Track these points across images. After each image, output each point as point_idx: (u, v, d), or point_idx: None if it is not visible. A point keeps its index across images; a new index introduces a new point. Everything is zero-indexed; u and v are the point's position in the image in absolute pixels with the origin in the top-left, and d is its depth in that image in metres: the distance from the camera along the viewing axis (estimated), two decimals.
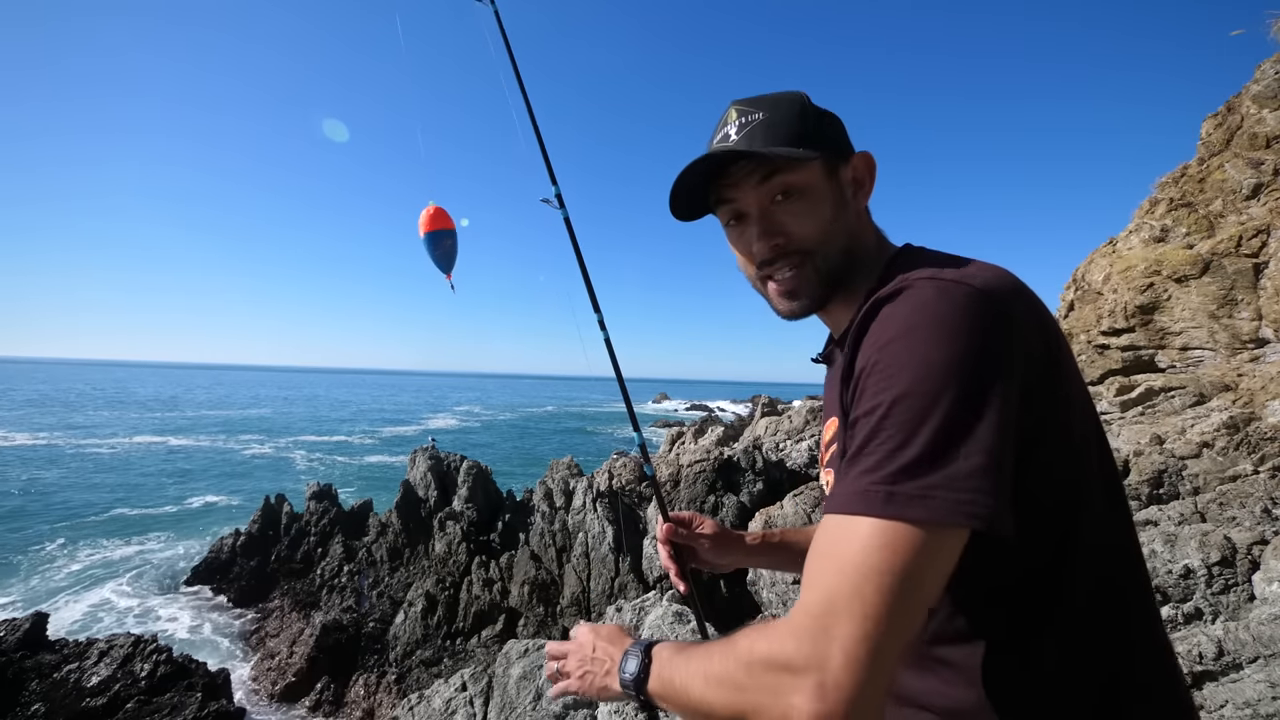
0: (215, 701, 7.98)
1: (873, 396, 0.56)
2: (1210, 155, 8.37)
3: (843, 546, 0.52)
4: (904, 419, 0.53)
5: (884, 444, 0.53)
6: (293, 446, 39.42)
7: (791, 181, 0.72)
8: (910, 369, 0.54)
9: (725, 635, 0.60)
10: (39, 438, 39.68)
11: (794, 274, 0.74)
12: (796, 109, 0.73)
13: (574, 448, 32.15)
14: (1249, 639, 2.50)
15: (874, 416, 0.55)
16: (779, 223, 0.73)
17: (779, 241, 0.73)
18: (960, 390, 0.53)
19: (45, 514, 20.74)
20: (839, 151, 0.75)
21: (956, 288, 0.57)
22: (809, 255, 0.73)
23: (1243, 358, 6.63)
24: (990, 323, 0.55)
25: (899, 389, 0.54)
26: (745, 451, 12.26)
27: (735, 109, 0.75)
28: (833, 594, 0.49)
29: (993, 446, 0.51)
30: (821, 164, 0.73)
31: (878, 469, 0.53)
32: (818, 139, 0.72)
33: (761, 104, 0.74)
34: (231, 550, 15.11)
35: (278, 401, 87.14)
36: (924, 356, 0.54)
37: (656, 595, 4.25)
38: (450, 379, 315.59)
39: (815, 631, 0.49)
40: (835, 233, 0.73)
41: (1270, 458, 4.57)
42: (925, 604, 0.50)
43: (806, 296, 0.75)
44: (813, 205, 0.72)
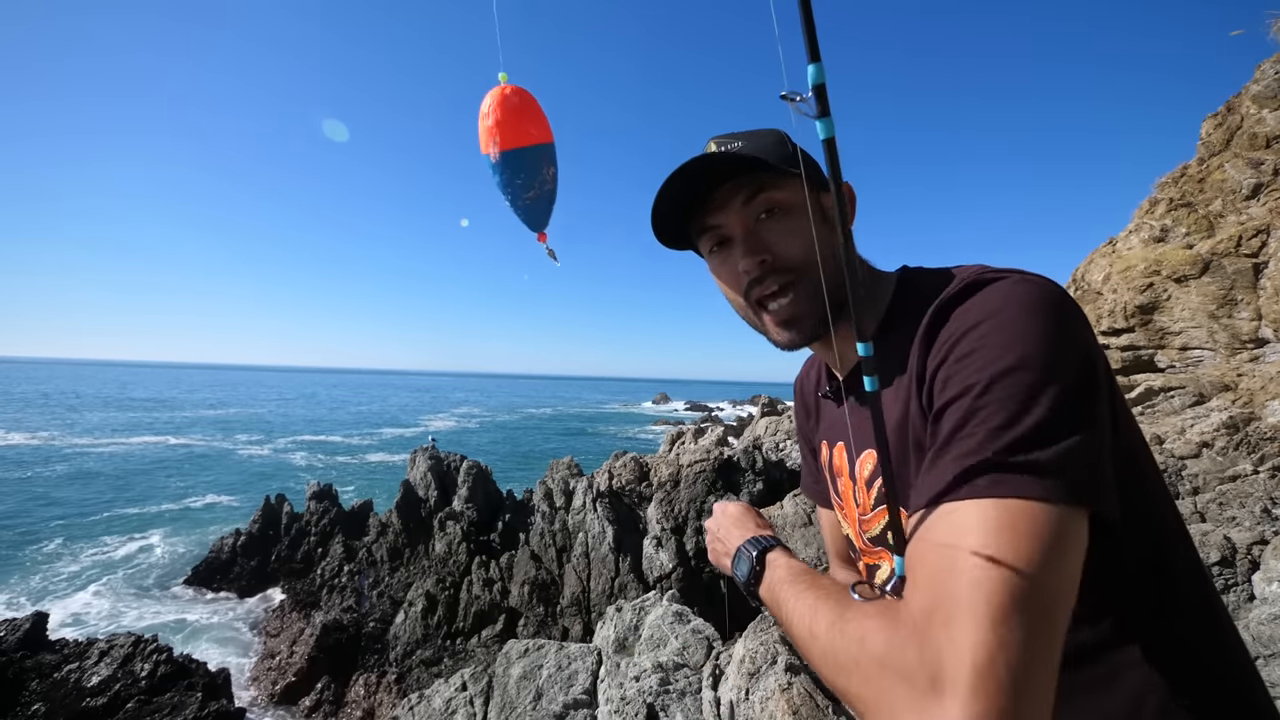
0: (215, 701, 7.98)
1: (964, 380, 0.52)
2: (1210, 155, 8.37)
3: (951, 536, 0.46)
4: (1008, 394, 0.49)
5: (986, 421, 0.49)
6: (291, 447, 39.41)
7: (777, 199, 0.70)
8: (1007, 345, 0.51)
9: (829, 588, 0.58)
10: (37, 437, 39.66)
11: (789, 300, 0.71)
12: (774, 138, 0.72)
13: (574, 448, 32.17)
14: (1249, 639, 2.50)
15: (968, 397, 0.51)
16: (764, 240, 0.71)
17: (765, 258, 0.70)
18: (1064, 364, 0.50)
19: (43, 513, 20.73)
20: (820, 179, 0.72)
21: (1026, 277, 0.57)
22: (799, 275, 0.70)
23: (1242, 358, 6.63)
24: (1072, 307, 0.55)
25: (999, 365, 0.51)
26: (745, 451, 12.27)
27: (714, 142, 0.73)
28: (948, 593, 0.43)
29: (1099, 424, 0.50)
30: (805, 184, 0.69)
31: (982, 448, 0.48)
32: (801, 164, 0.70)
33: (740, 135, 0.73)
34: (232, 550, 15.11)
35: (277, 401, 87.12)
36: (1021, 333, 0.52)
37: (656, 595, 4.25)
38: (449, 379, 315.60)
39: (935, 639, 0.42)
40: (822, 253, 0.70)
41: (1270, 458, 4.57)
42: (1064, 600, 0.43)
43: (807, 320, 0.71)
44: (796, 225, 0.70)
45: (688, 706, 3.01)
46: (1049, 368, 0.50)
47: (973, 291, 0.58)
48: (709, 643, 3.48)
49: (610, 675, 3.51)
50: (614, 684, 3.37)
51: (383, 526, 14.65)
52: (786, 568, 0.66)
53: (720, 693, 2.98)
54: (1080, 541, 0.46)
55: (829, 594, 0.57)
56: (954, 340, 0.55)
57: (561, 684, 3.53)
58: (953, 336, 0.56)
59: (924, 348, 0.59)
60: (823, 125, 0.53)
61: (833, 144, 0.54)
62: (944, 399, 0.54)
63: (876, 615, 0.49)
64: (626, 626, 3.91)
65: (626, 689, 3.18)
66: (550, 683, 3.54)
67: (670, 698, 3.06)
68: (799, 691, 2.55)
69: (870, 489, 0.72)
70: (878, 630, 0.47)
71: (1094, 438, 0.49)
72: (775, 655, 2.82)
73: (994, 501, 0.45)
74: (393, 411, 74.13)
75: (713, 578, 10.01)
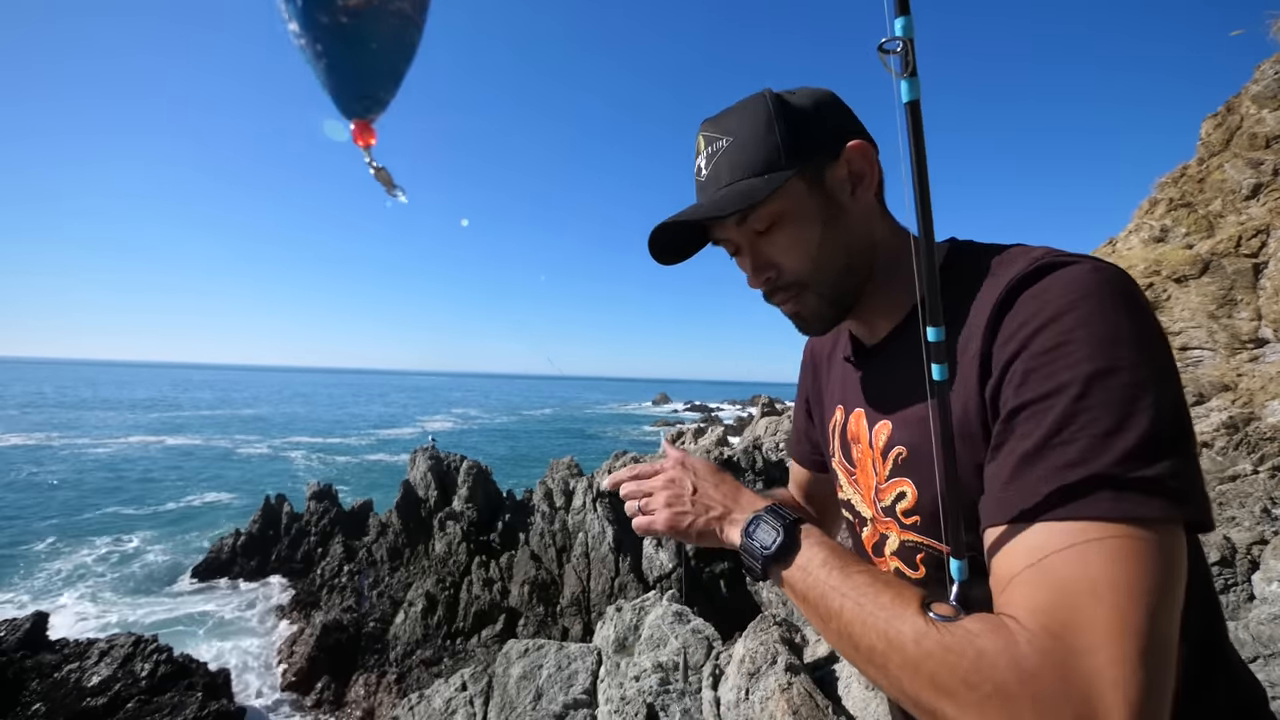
0: (215, 701, 7.99)
1: (1053, 378, 0.48)
2: (1210, 155, 8.38)
3: (1078, 559, 0.43)
4: (1110, 399, 0.46)
5: (1089, 428, 0.45)
6: (289, 447, 39.43)
7: (769, 213, 0.65)
8: (1101, 343, 0.48)
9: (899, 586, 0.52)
10: (34, 438, 39.66)
11: (800, 307, 0.70)
12: (762, 121, 0.64)
13: (574, 448, 32.16)
14: (1248, 639, 2.50)
15: (1062, 398, 0.47)
16: (765, 257, 0.68)
17: (769, 275, 0.69)
18: (1159, 366, 0.47)
19: (41, 514, 20.74)
20: (822, 149, 0.66)
21: (1100, 265, 0.53)
22: (807, 285, 0.68)
23: (1242, 358, 6.63)
24: (1146, 301, 0.51)
25: (1095, 365, 0.47)
26: (745, 451, 12.28)
27: (703, 135, 0.68)
28: (1087, 620, 0.41)
29: (1191, 429, 0.47)
30: (801, 179, 0.65)
31: (1090, 460, 0.45)
32: (793, 149, 0.64)
33: (726, 123, 0.66)
34: (232, 550, 15.13)
35: (275, 401, 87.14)
36: (1114, 330, 0.48)
37: (656, 595, 4.25)
38: (448, 379, 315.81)
39: (1081, 669, 0.40)
40: (829, 254, 0.67)
41: (1269, 458, 4.57)
42: (1178, 622, 0.42)
43: (817, 321, 0.71)
44: (797, 232, 0.66)
45: (688, 706, 3.01)
46: (1148, 370, 0.47)
47: (1045, 274, 0.53)
48: (709, 643, 3.49)
49: (610, 675, 3.51)
50: (614, 684, 3.37)
51: (383, 526, 14.65)
52: (831, 550, 0.59)
53: (720, 693, 2.98)
54: (1184, 558, 0.44)
55: (903, 594, 0.51)
56: (1034, 330, 0.51)
57: (561, 684, 3.53)
58: (1031, 325, 0.51)
59: (990, 332, 0.54)
60: (907, 86, 0.48)
61: (916, 109, 0.48)
62: (1026, 396, 0.50)
63: (990, 633, 0.44)
64: (626, 626, 3.91)
65: (626, 689, 3.18)
66: (550, 683, 3.55)
67: (670, 698, 3.06)
68: (799, 691, 2.55)
69: (886, 459, 0.68)
70: (1001, 651, 0.42)
71: (1193, 447, 0.46)
72: (775, 655, 2.82)
73: (1118, 523, 0.43)
74: (391, 412, 74.18)
75: (712, 578, 10.01)
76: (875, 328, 0.74)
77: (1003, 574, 0.47)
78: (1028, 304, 0.53)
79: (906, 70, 0.48)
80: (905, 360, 0.67)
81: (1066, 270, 0.53)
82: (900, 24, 0.48)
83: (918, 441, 0.63)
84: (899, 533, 0.68)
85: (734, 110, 0.67)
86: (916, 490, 0.64)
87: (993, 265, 0.59)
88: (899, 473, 0.66)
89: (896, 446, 0.67)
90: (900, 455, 0.66)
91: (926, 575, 0.66)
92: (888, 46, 0.48)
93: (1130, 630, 0.40)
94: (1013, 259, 0.58)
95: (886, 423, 0.69)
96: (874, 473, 0.71)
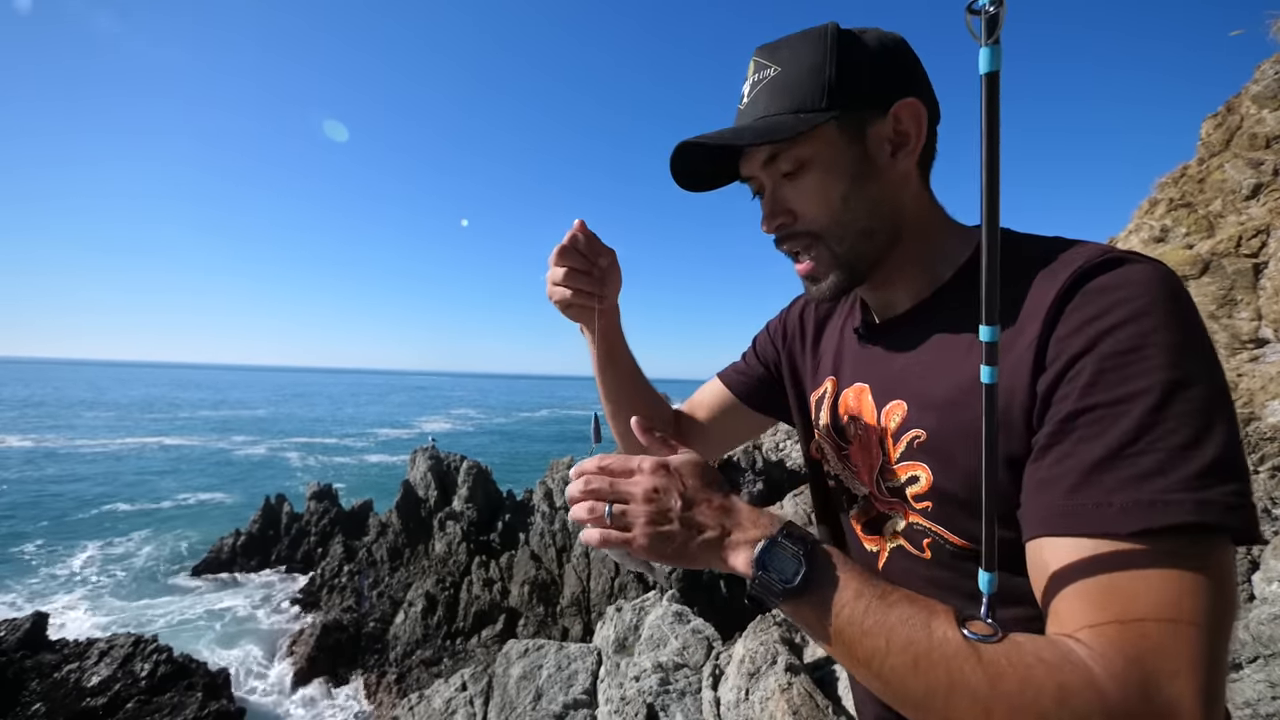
0: (215, 701, 7.99)
1: (1125, 382, 0.46)
2: (1210, 155, 8.37)
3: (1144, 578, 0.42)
4: (1188, 410, 0.44)
5: (1166, 440, 0.44)
6: (287, 447, 39.42)
7: (798, 155, 0.62)
8: (1178, 351, 0.46)
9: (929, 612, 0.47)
10: (30, 438, 39.64)
11: (810, 261, 0.66)
12: (815, 57, 0.60)
13: (574, 449, 32.10)
14: (1248, 639, 2.50)
15: (1138, 405, 0.45)
16: (783, 201, 0.65)
17: (782, 221, 0.66)
18: (1223, 383, 0.47)
19: (37, 514, 20.77)
20: (871, 101, 0.61)
21: (1165, 269, 0.51)
22: (819, 237, 0.65)
23: (1242, 358, 6.63)
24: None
25: (1171, 374, 0.45)
26: (745, 451, 12.27)
27: (754, 60, 0.64)
28: (1171, 646, 0.40)
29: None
30: (838, 126, 0.61)
31: (1169, 474, 0.43)
32: (838, 94, 0.59)
33: (780, 53, 0.62)
34: (232, 550, 15.13)
35: (273, 402, 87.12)
36: (1188, 339, 0.47)
37: (656, 595, 4.25)
38: (447, 379, 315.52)
39: (1164, 695, 0.39)
40: (851, 212, 0.63)
41: (1270, 458, 4.58)
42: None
43: (826, 283, 0.67)
44: (822, 181, 0.62)
45: (688, 706, 3.01)
46: (1218, 385, 0.46)
47: (1114, 268, 0.51)
48: (709, 643, 3.49)
49: (610, 675, 3.51)
50: (614, 684, 3.37)
51: (383, 526, 14.65)
52: (859, 575, 0.51)
53: (720, 693, 2.98)
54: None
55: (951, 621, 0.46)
56: (1107, 327, 0.48)
57: (561, 684, 3.53)
58: (1103, 322, 0.49)
59: (1050, 323, 0.51)
60: (987, 56, 0.43)
61: (994, 81, 0.44)
62: (1096, 398, 0.47)
63: (1069, 666, 0.41)
64: (626, 626, 3.91)
65: (626, 689, 3.18)
66: (550, 683, 3.55)
67: (670, 698, 3.06)
68: (799, 691, 2.55)
69: (899, 440, 0.65)
70: (1084, 687, 0.40)
71: (1245, 461, 0.46)
72: (775, 655, 2.82)
73: (1193, 543, 0.42)
74: (390, 412, 74.14)
75: (712, 578, 10.01)
76: (892, 303, 0.71)
77: (1060, 587, 0.46)
78: (1097, 299, 0.50)
79: (991, 38, 0.44)
80: (929, 341, 0.65)
81: (1137, 268, 0.50)
82: None
83: (939, 427, 0.60)
84: (907, 515, 0.66)
85: (792, 40, 0.63)
86: (932, 476, 0.61)
87: (1041, 254, 0.56)
88: (914, 456, 0.63)
89: (914, 429, 0.63)
90: (918, 439, 0.63)
91: (933, 559, 0.64)
92: (976, 7, 0.43)
93: (1204, 657, 0.40)
94: (1065, 249, 0.56)
95: (901, 403, 0.65)
96: (880, 452, 0.68)
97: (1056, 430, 0.49)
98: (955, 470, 0.59)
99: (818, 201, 0.63)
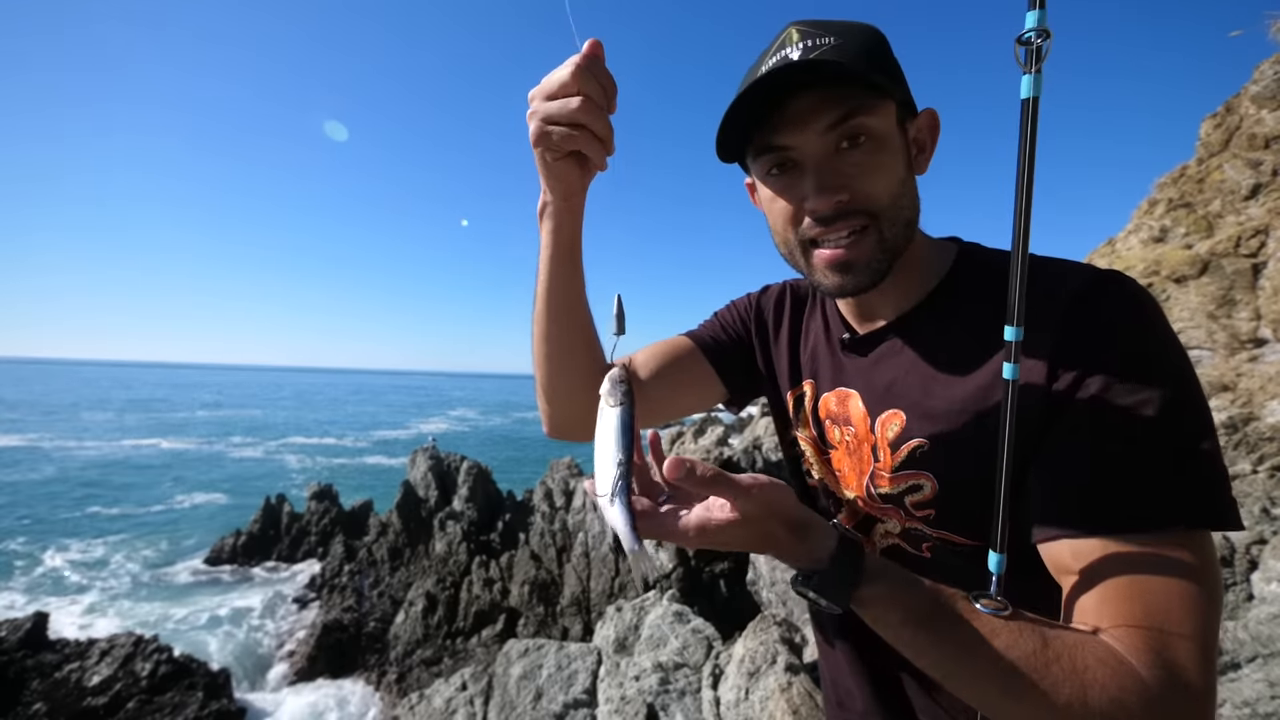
0: (215, 701, 7.99)
1: (1134, 392, 0.51)
2: (1209, 156, 8.37)
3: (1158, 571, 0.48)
4: (1184, 423, 0.50)
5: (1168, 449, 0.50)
6: (284, 449, 39.31)
7: (870, 126, 0.58)
8: (1179, 365, 0.52)
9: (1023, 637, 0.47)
10: (27, 439, 39.57)
11: (853, 240, 0.61)
12: (873, 41, 0.60)
13: (574, 449, 32.09)
14: (1248, 638, 2.50)
15: (1143, 419, 0.50)
16: (844, 174, 0.59)
17: (843, 198, 0.59)
18: (1200, 387, 0.52)
19: (34, 515, 20.67)
20: (910, 101, 0.63)
21: (1143, 290, 0.56)
22: (877, 219, 0.61)
23: (1241, 358, 6.63)
24: None
25: (1176, 389, 0.51)
26: (745, 451, 12.27)
27: (797, 30, 0.59)
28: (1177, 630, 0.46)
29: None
30: (896, 110, 0.60)
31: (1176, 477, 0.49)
32: (897, 81, 0.60)
33: (831, 28, 0.59)
34: (232, 550, 15.13)
35: (272, 403, 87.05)
36: (1176, 362, 0.52)
37: (656, 595, 4.25)
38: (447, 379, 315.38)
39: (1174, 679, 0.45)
40: (905, 197, 0.62)
41: (1269, 458, 4.58)
42: None
43: (867, 270, 0.62)
44: (890, 158, 0.60)
45: (688, 706, 3.02)
46: (1201, 393, 0.52)
47: (1112, 284, 0.56)
48: (709, 643, 3.49)
49: (610, 675, 3.51)
50: (614, 684, 3.38)
51: (383, 526, 14.65)
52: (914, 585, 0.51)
53: (720, 692, 2.98)
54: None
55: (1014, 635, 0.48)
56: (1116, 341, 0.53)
57: (561, 684, 3.53)
58: (1112, 336, 0.53)
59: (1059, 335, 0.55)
60: (1028, 82, 0.47)
61: (1033, 106, 0.48)
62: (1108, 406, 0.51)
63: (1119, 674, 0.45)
64: (626, 626, 3.91)
65: (626, 688, 3.19)
66: (550, 682, 3.55)
67: (670, 697, 3.06)
68: (799, 691, 2.55)
69: (897, 450, 0.65)
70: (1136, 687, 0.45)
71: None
72: (775, 655, 2.83)
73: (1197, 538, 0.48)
74: (388, 413, 74.05)
75: (712, 578, 10.02)
76: (874, 312, 0.71)
77: (1085, 583, 0.50)
78: (1101, 315, 0.54)
79: (1035, 66, 0.47)
80: (923, 353, 0.66)
81: (1126, 286, 0.56)
82: (1032, 17, 0.47)
83: (941, 435, 0.62)
84: (902, 520, 0.67)
85: (839, 22, 0.60)
86: (937, 484, 0.62)
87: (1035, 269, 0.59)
88: (916, 465, 0.64)
89: (914, 439, 0.64)
90: (920, 448, 0.63)
91: (934, 559, 0.66)
92: (1024, 38, 0.47)
93: (1208, 636, 0.46)
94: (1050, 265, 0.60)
95: (898, 414, 0.66)
96: (871, 459, 0.69)
97: (1067, 440, 0.53)
98: (963, 477, 0.60)
99: (884, 180, 0.60)
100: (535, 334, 0.78)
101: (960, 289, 0.65)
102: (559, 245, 0.70)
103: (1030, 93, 0.47)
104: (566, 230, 0.69)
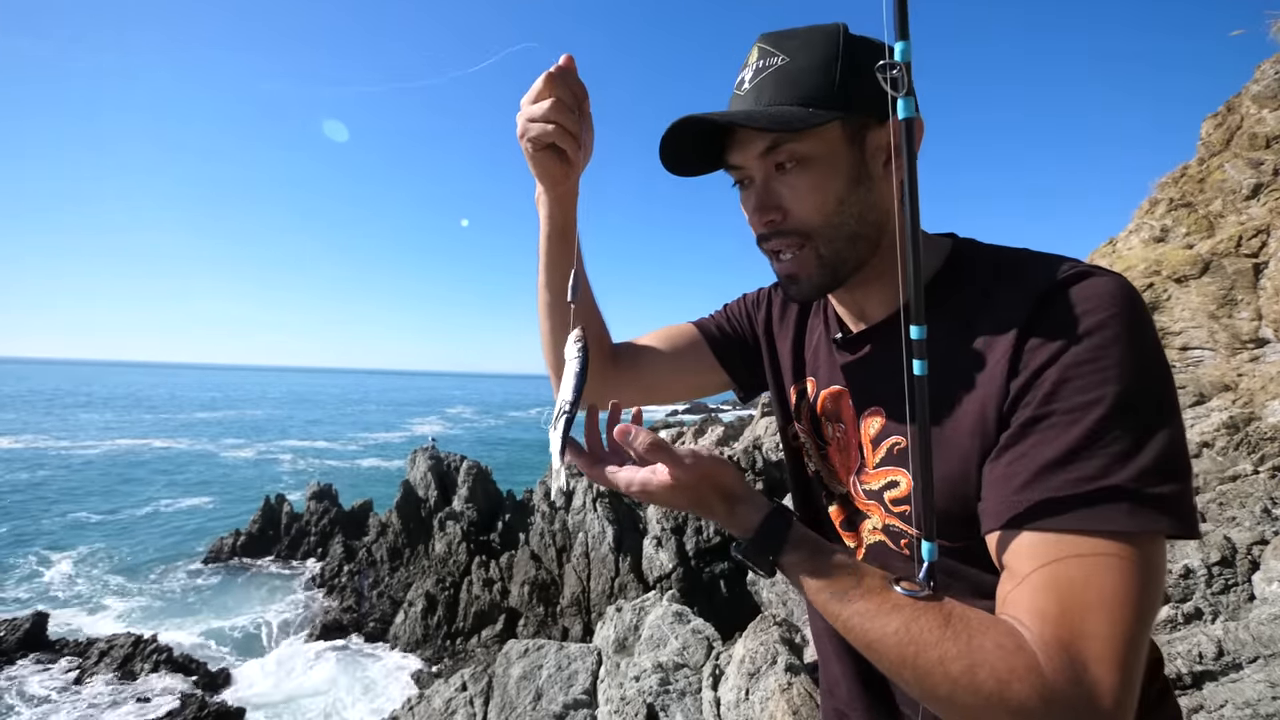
0: (215, 701, 8.00)
1: (1081, 391, 0.51)
2: (1210, 155, 8.37)
3: (1080, 568, 0.48)
4: (1135, 421, 0.49)
5: (1110, 447, 0.49)
6: (277, 450, 39.21)
7: (799, 151, 0.61)
8: (1133, 363, 0.51)
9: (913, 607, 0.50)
10: (22, 440, 39.55)
11: (793, 257, 0.66)
12: (826, 53, 0.60)
13: None
14: (1249, 639, 2.50)
15: (1091, 414, 0.50)
16: (776, 195, 0.64)
17: (773, 218, 0.65)
18: (1172, 395, 0.51)
19: (30, 516, 20.65)
20: (874, 107, 0.60)
21: (1125, 283, 0.56)
22: (809, 238, 0.64)
23: (1242, 358, 6.62)
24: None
25: (1124, 385, 0.50)
26: (745, 451, 12.28)
27: (758, 48, 0.63)
28: (1094, 631, 0.46)
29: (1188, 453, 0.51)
30: (843, 127, 0.61)
31: (1109, 476, 0.48)
32: (846, 94, 0.59)
33: (788, 43, 0.61)
34: (232, 549, 15.14)
35: (269, 402, 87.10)
36: (1143, 351, 0.52)
37: (656, 595, 4.25)
38: (446, 379, 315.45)
39: (1090, 679, 0.45)
40: (843, 215, 0.63)
41: (1270, 458, 4.57)
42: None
43: (809, 283, 0.67)
44: (820, 179, 0.62)
45: (688, 706, 3.01)
46: (1167, 397, 0.51)
47: (1081, 281, 0.55)
48: (709, 643, 3.49)
49: (610, 675, 3.51)
50: (614, 684, 3.37)
51: (383, 527, 14.66)
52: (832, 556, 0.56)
53: (720, 693, 2.98)
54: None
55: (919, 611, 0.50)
56: (1071, 339, 0.53)
57: (561, 684, 3.53)
58: (1068, 333, 0.53)
59: (1024, 334, 0.56)
60: (903, 104, 0.52)
61: (911, 126, 0.53)
62: (1055, 405, 0.52)
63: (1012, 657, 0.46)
64: (626, 626, 3.91)
65: (626, 689, 3.18)
66: (550, 683, 3.55)
67: (670, 698, 3.06)
68: (799, 691, 2.55)
69: (878, 447, 0.69)
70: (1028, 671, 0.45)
71: (1189, 466, 0.51)
72: (775, 655, 2.82)
73: (1128, 538, 0.47)
74: (386, 414, 73.95)
75: (712, 578, 10.02)
76: (866, 312, 0.73)
77: (1011, 574, 0.51)
78: (1065, 312, 0.54)
79: (904, 90, 0.52)
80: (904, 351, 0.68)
81: (1101, 281, 0.55)
82: (900, 48, 0.52)
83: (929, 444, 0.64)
84: (883, 516, 0.69)
85: (800, 32, 0.62)
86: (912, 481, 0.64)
87: (1014, 266, 0.61)
88: (894, 462, 0.67)
89: (893, 437, 0.67)
90: (897, 446, 0.66)
91: (912, 556, 0.67)
92: (885, 70, 0.52)
93: (1128, 640, 0.45)
94: (1038, 261, 0.60)
95: (879, 410, 0.69)
96: (858, 456, 0.72)
97: (1017, 433, 0.54)
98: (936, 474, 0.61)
99: (813, 201, 0.63)
100: (539, 311, 0.87)
101: (949, 287, 0.66)
102: (552, 227, 0.79)
103: (907, 113, 0.52)
104: (558, 215, 0.78)
